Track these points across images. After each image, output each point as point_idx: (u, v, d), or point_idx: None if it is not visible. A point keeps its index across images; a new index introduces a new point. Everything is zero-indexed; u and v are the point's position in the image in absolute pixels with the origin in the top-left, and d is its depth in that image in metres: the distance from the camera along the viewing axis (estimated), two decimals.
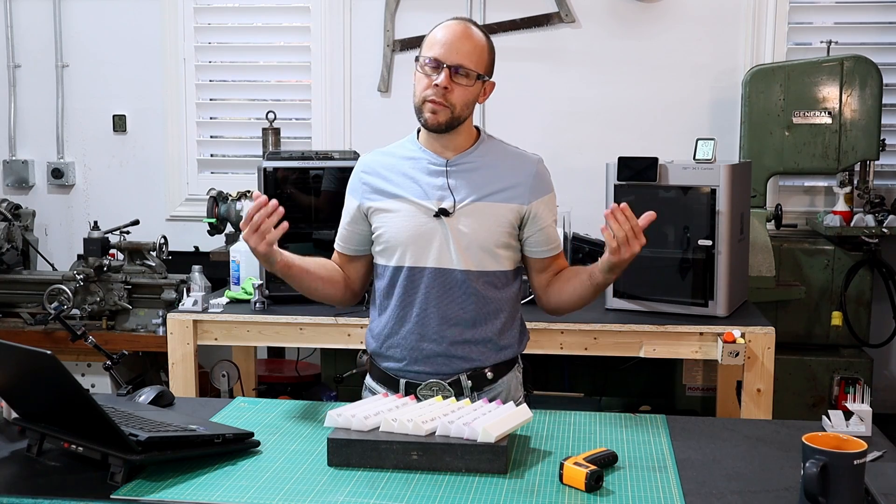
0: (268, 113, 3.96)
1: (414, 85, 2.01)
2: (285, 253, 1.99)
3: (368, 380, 2.17)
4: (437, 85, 1.94)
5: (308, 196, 3.06)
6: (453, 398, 1.91)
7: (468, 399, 1.92)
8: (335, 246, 2.15)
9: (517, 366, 2.15)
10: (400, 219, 2.01)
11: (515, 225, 2.03)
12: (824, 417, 1.87)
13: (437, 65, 1.95)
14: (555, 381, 3.79)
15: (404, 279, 2.03)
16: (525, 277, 2.16)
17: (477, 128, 2.10)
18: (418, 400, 1.93)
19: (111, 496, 1.53)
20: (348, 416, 1.72)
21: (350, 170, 2.15)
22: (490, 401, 1.99)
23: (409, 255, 2.01)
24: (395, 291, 2.04)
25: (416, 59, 2.00)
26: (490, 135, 2.10)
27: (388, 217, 2.03)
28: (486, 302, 2.02)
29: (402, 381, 2.06)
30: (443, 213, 1.99)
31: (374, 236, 2.07)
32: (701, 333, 2.85)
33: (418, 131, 2.08)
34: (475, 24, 2.03)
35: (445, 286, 2.01)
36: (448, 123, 1.97)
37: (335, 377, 3.77)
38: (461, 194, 2.00)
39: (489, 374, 2.05)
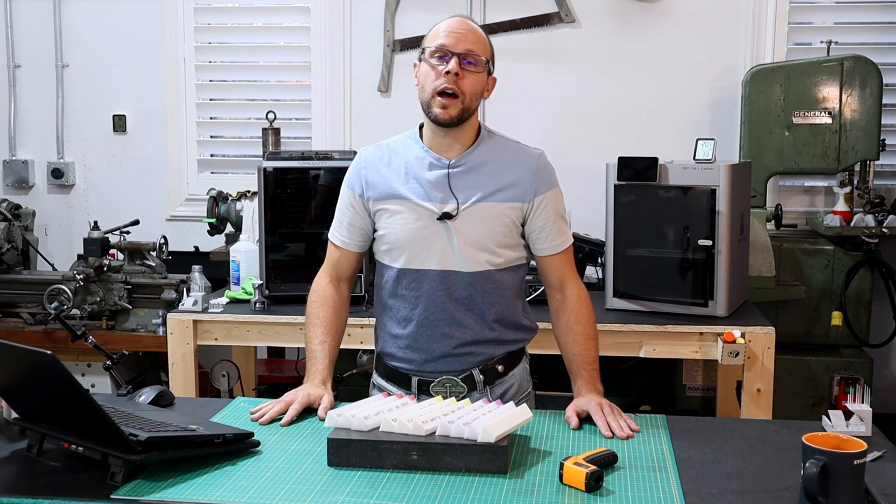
0: (268, 113, 3.96)
1: (419, 80, 1.98)
2: (326, 377, 2.16)
3: (376, 377, 2.18)
4: (447, 73, 1.91)
5: (308, 196, 3.05)
6: (466, 399, 1.91)
7: (468, 399, 1.92)
8: (333, 239, 2.11)
9: (525, 357, 2.17)
10: (404, 221, 2.00)
11: (518, 223, 2.03)
12: (824, 417, 1.87)
13: (444, 53, 1.93)
14: (555, 381, 3.78)
15: (410, 281, 2.03)
16: (528, 277, 2.17)
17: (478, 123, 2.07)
18: (428, 396, 1.96)
19: (111, 496, 1.52)
20: (348, 416, 1.72)
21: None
22: (502, 394, 2.06)
23: (413, 258, 2.01)
24: (400, 293, 2.05)
25: (422, 51, 1.97)
26: (491, 130, 2.08)
27: (391, 218, 2.02)
28: (490, 300, 2.03)
29: (415, 379, 2.07)
30: (446, 216, 1.98)
31: (377, 235, 2.07)
32: (701, 333, 2.85)
33: (420, 126, 2.06)
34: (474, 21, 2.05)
35: (449, 288, 2.01)
36: (459, 116, 1.95)
37: (335, 377, 3.75)
38: (463, 195, 1.99)
39: (500, 367, 2.07)
